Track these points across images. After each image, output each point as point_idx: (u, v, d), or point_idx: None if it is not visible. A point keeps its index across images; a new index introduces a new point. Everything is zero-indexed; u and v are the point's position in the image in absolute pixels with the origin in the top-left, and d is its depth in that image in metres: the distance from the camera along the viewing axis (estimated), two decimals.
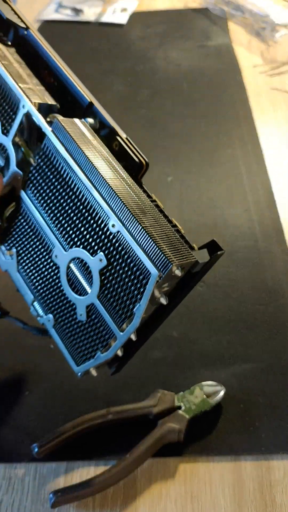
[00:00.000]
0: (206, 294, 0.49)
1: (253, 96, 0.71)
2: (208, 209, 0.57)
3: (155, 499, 0.38)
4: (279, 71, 0.76)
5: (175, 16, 0.90)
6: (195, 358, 0.45)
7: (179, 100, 0.72)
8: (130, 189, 0.32)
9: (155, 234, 0.29)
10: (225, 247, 0.52)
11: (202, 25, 0.86)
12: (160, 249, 0.28)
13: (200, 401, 0.40)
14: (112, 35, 0.86)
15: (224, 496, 0.37)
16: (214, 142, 0.65)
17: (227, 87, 0.73)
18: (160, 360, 0.45)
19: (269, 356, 0.44)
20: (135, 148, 0.36)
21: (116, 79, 0.77)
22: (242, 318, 0.47)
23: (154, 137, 0.67)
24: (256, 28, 0.83)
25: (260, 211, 0.56)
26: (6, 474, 0.40)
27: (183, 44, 0.83)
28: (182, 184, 0.60)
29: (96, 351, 0.31)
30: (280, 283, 0.49)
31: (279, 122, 0.68)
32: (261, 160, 0.62)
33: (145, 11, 0.92)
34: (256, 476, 0.38)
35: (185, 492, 0.38)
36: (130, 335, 0.29)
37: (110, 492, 0.38)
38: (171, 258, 0.28)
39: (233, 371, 0.44)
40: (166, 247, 0.28)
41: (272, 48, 0.80)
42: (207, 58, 0.79)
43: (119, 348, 0.30)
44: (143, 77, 0.77)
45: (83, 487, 0.36)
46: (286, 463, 0.39)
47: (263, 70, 0.76)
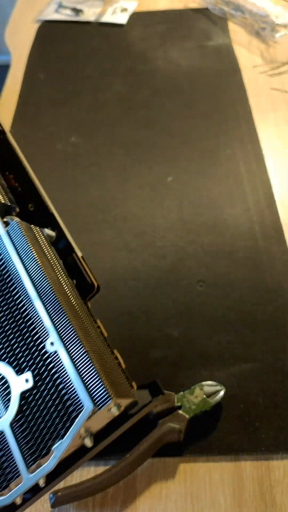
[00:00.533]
0: (206, 294, 0.49)
1: (253, 96, 0.71)
2: (208, 209, 0.57)
3: (155, 499, 0.38)
4: (279, 71, 0.76)
5: (175, 16, 0.90)
6: (195, 358, 0.45)
7: (179, 100, 0.72)
8: (78, 308, 0.29)
9: (96, 362, 0.25)
10: (225, 247, 0.53)
11: (202, 25, 0.86)
12: (100, 379, 0.24)
13: (200, 401, 0.40)
14: (112, 35, 0.86)
15: (224, 495, 0.37)
16: (214, 142, 0.65)
17: (227, 87, 0.73)
18: (160, 360, 0.45)
19: (269, 356, 0.44)
20: (89, 269, 0.33)
21: (116, 79, 0.77)
22: (242, 318, 0.47)
23: (154, 137, 0.67)
24: (256, 28, 0.83)
25: (260, 211, 0.56)
26: None
27: (183, 44, 0.83)
28: (182, 184, 0.60)
29: None
30: (279, 283, 0.50)
31: (279, 122, 0.68)
32: (261, 160, 0.62)
33: (145, 11, 0.92)
34: (256, 476, 0.38)
35: (185, 492, 0.38)
36: (38, 479, 0.24)
37: (110, 491, 0.38)
38: (110, 392, 0.24)
39: (233, 371, 0.44)
40: (106, 379, 0.24)
41: (272, 48, 0.80)
42: (207, 58, 0.79)
43: (20, 495, 0.25)
44: (143, 77, 0.77)
45: (83, 487, 0.36)
46: (286, 463, 0.39)
47: (263, 70, 0.76)
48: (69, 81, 0.77)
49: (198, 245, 0.54)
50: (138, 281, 0.51)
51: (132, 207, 0.58)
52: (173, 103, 0.72)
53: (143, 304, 0.49)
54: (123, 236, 0.55)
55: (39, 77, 0.79)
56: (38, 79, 0.79)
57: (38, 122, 0.71)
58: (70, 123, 0.70)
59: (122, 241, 0.55)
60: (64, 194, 0.61)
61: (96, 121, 0.70)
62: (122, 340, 0.47)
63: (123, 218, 0.57)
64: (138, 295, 0.50)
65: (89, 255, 0.54)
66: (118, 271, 0.52)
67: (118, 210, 0.58)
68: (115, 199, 0.60)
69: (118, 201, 0.59)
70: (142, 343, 0.46)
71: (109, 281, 0.51)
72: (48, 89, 0.76)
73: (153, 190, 0.60)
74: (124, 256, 0.53)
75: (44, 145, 0.67)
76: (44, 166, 0.64)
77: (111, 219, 0.57)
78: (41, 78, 0.79)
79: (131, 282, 0.51)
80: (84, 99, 0.74)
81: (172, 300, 0.49)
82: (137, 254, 0.54)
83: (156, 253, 0.53)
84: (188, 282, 0.50)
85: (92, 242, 0.55)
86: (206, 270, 0.51)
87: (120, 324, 0.48)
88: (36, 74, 0.79)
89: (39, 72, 0.80)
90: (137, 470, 0.39)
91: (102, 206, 0.59)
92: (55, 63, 0.81)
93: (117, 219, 0.57)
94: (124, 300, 0.50)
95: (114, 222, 0.57)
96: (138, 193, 0.60)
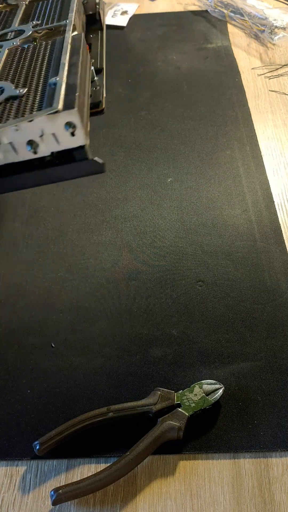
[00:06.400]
0: (205, 293, 0.50)
1: (252, 98, 0.72)
2: (207, 210, 0.58)
3: (155, 496, 0.38)
4: (277, 73, 0.76)
5: (175, 18, 0.90)
6: (195, 356, 0.45)
7: (178, 102, 0.73)
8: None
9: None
10: (224, 247, 0.53)
11: (201, 28, 0.87)
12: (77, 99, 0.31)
13: (200, 399, 0.41)
14: (112, 38, 0.87)
15: (223, 493, 0.38)
16: (213, 144, 0.66)
17: (226, 89, 0.74)
18: (160, 358, 0.45)
19: (268, 355, 0.45)
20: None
21: (116, 81, 0.77)
22: (240, 317, 0.48)
23: (154, 139, 0.67)
24: (255, 31, 0.84)
25: (259, 212, 0.57)
26: (8, 472, 0.40)
27: (183, 46, 0.83)
28: (182, 185, 0.61)
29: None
30: (278, 283, 0.50)
31: (277, 123, 0.68)
32: (260, 161, 0.62)
33: (145, 13, 0.92)
34: (255, 473, 0.39)
35: (185, 489, 0.38)
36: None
37: (111, 489, 0.38)
38: (75, 106, 0.30)
39: (232, 369, 0.44)
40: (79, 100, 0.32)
41: (271, 51, 0.81)
42: (206, 60, 0.80)
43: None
44: (143, 79, 0.77)
45: (84, 484, 0.37)
46: (284, 460, 0.39)
47: (262, 72, 0.77)
48: None
49: (197, 245, 0.54)
50: (138, 281, 0.51)
51: (132, 208, 0.59)
52: (173, 105, 0.72)
53: (143, 304, 0.50)
54: (123, 236, 0.56)
55: None
56: None
57: None
58: None
59: (122, 241, 0.55)
60: (65, 195, 0.61)
61: (97, 122, 0.70)
62: (122, 338, 0.47)
63: (123, 218, 0.58)
64: (138, 295, 0.50)
65: (89, 255, 0.55)
66: (118, 271, 0.53)
67: (118, 210, 0.59)
68: (115, 200, 0.60)
69: (118, 202, 0.60)
70: (142, 342, 0.47)
71: (109, 280, 0.52)
72: None
73: (153, 191, 0.61)
74: (124, 256, 0.54)
75: None
76: None
77: (111, 219, 0.58)
78: None
79: (131, 282, 0.51)
80: None
81: (172, 300, 0.50)
82: (137, 254, 0.54)
83: (156, 253, 0.54)
84: (188, 281, 0.51)
85: (92, 242, 0.56)
86: (206, 270, 0.52)
87: (121, 323, 0.48)
88: None
89: None
90: (137, 468, 0.39)
91: (103, 206, 0.60)
92: None
93: (117, 219, 0.58)
94: (124, 299, 0.50)
95: (114, 223, 0.58)
96: (138, 194, 0.60)
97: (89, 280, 0.52)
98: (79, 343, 0.47)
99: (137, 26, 0.89)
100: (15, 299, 0.51)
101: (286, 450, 0.39)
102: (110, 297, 0.51)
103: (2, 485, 0.39)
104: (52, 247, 0.56)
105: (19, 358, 0.46)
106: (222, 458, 0.39)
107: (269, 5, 0.88)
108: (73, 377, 0.45)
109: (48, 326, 0.49)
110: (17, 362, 0.46)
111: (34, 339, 0.48)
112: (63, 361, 0.46)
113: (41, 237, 0.57)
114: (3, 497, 0.39)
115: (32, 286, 0.52)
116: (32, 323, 0.49)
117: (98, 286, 0.52)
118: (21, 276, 0.53)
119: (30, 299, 0.51)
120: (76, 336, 0.48)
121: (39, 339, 0.48)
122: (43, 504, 0.38)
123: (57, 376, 0.45)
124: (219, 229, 0.55)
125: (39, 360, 0.46)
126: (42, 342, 0.47)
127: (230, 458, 0.39)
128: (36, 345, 0.47)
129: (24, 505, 0.38)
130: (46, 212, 0.59)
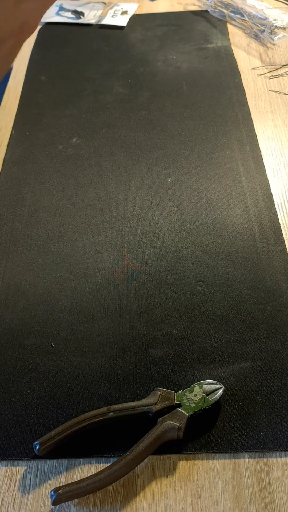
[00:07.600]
0: (205, 294, 0.50)
1: (252, 98, 0.72)
2: (207, 210, 0.58)
3: (155, 496, 0.38)
4: (277, 73, 0.76)
5: (175, 18, 0.90)
6: (195, 356, 0.45)
7: (178, 102, 0.73)
8: None
9: None
10: (224, 247, 0.53)
11: (201, 28, 0.87)
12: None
13: (200, 399, 0.41)
14: (112, 38, 0.87)
15: (223, 493, 0.38)
16: (213, 144, 0.66)
17: (226, 89, 0.74)
18: (160, 358, 0.45)
19: (268, 355, 0.45)
20: None
21: (117, 81, 0.77)
22: (240, 317, 0.48)
23: (154, 139, 0.67)
24: (255, 31, 0.84)
25: (259, 212, 0.57)
26: (8, 472, 0.40)
27: (183, 46, 0.83)
28: (182, 185, 0.61)
29: None
30: (278, 283, 0.50)
31: (277, 123, 0.68)
32: (260, 161, 0.62)
33: (145, 13, 0.92)
34: (255, 473, 0.39)
35: (185, 489, 0.38)
36: None
37: (111, 489, 0.38)
38: None
39: (232, 369, 0.44)
40: None
41: (271, 51, 0.81)
42: (206, 60, 0.80)
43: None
44: (143, 79, 0.77)
45: (84, 484, 0.37)
46: (284, 460, 0.39)
47: (261, 72, 0.77)
48: (70, 83, 0.78)
49: (197, 245, 0.54)
50: (138, 281, 0.51)
51: (132, 208, 0.59)
52: (173, 105, 0.72)
53: (143, 304, 0.50)
54: (123, 236, 0.56)
55: (40, 79, 0.79)
56: (40, 81, 0.79)
57: (40, 123, 0.71)
58: (71, 124, 0.71)
59: (122, 241, 0.56)
60: (65, 195, 0.61)
61: (97, 122, 0.70)
62: (122, 338, 0.47)
63: (123, 218, 0.58)
64: (138, 295, 0.50)
65: (89, 255, 0.55)
66: (118, 271, 0.53)
67: (118, 210, 0.59)
68: (115, 200, 0.60)
69: (118, 202, 0.60)
70: (142, 341, 0.47)
71: (109, 280, 0.52)
72: (49, 91, 0.77)
73: (153, 191, 0.61)
74: (124, 256, 0.54)
75: (46, 147, 0.68)
76: (45, 167, 0.65)
77: (111, 219, 0.58)
78: (42, 80, 0.79)
79: (131, 282, 0.51)
80: (85, 101, 0.74)
81: (172, 300, 0.50)
82: (137, 254, 0.54)
83: (156, 253, 0.54)
84: (188, 281, 0.51)
85: (92, 242, 0.56)
86: (206, 270, 0.52)
87: (121, 323, 0.48)
88: (38, 76, 0.80)
89: (41, 74, 0.80)
90: (137, 468, 0.39)
91: (103, 206, 0.60)
92: (56, 65, 0.82)
93: (117, 219, 0.58)
94: (124, 299, 0.50)
95: (114, 223, 0.58)
96: (138, 194, 0.60)
97: (89, 280, 0.52)
98: (79, 343, 0.47)
99: (137, 26, 0.89)
100: (15, 299, 0.51)
101: (286, 450, 0.39)
102: (110, 297, 0.51)
103: (2, 485, 0.39)
104: (52, 247, 0.56)
105: (19, 358, 0.46)
106: (222, 458, 0.39)
107: (269, 5, 0.88)
108: (73, 377, 0.45)
109: (48, 326, 0.49)
110: (17, 362, 0.46)
111: (34, 339, 0.48)
112: (63, 361, 0.46)
113: (41, 237, 0.57)
114: (3, 497, 0.39)
115: (32, 286, 0.52)
116: (32, 323, 0.49)
117: (98, 286, 0.52)
118: (21, 276, 0.53)
119: (30, 299, 0.51)
120: (76, 336, 0.48)
121: (39, 339, 0.48)
122: (43, 504, 0.38)
123: (57, 376, 0.45)
124: (219, 229, 0.55)
125: (39, 360, 0.46)
126: (42, 342, 0.47)
127: (230, 458, 0.39)
128: (36, 345, 0.47)
129: (24, 505, 0.38)
130: (46, 212, 0.59)
